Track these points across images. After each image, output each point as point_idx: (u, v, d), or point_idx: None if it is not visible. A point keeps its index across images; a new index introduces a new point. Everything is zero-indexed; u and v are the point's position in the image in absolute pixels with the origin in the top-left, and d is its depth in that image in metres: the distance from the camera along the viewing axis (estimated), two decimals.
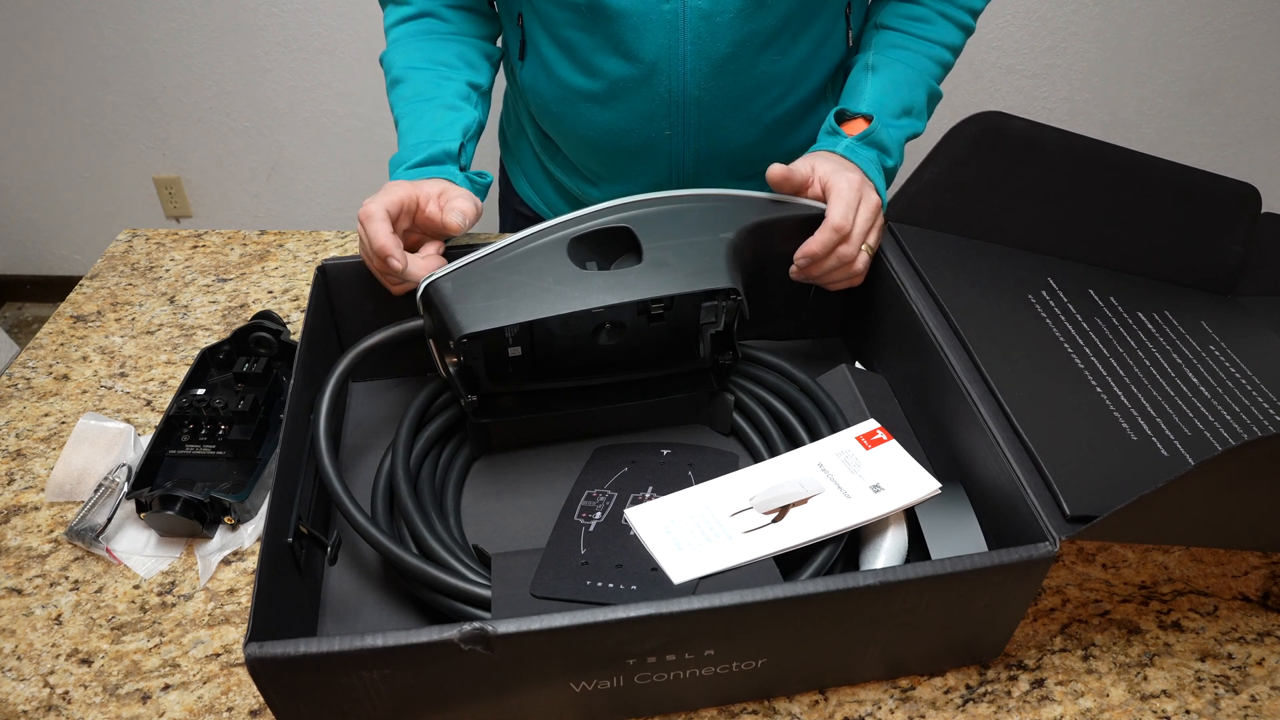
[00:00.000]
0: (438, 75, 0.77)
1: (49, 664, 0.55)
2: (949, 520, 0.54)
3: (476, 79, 0.79)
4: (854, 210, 0.65)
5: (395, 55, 0.79)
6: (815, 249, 0.65)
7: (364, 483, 0.64)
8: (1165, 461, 0.56)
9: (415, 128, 0.73)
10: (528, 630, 0.43)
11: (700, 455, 0.64)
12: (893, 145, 0.75)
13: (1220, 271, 0.76)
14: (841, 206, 0.65)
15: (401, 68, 0.78)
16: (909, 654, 0.53)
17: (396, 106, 0.77)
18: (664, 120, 0.80)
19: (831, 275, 0.68)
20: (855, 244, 0.66)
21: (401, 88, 0.77)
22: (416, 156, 0.70)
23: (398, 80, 0.78)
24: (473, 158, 0.75)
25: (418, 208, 0.65)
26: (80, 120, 1.94)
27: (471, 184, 0.71)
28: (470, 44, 0.81)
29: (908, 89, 0.78)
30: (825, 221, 0.65)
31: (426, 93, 0.76)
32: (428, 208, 0.65)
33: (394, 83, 0.78)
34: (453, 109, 0.75)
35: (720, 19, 0.74)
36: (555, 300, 0.58)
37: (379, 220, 0.61)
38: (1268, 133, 1.95)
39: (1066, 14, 1.77)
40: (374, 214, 0.62)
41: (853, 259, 0.66)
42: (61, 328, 0.82)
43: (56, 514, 0.65)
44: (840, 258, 0.66)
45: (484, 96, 0.80)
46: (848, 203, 0.65)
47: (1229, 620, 0.60)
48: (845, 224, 0.65)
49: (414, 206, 0.64)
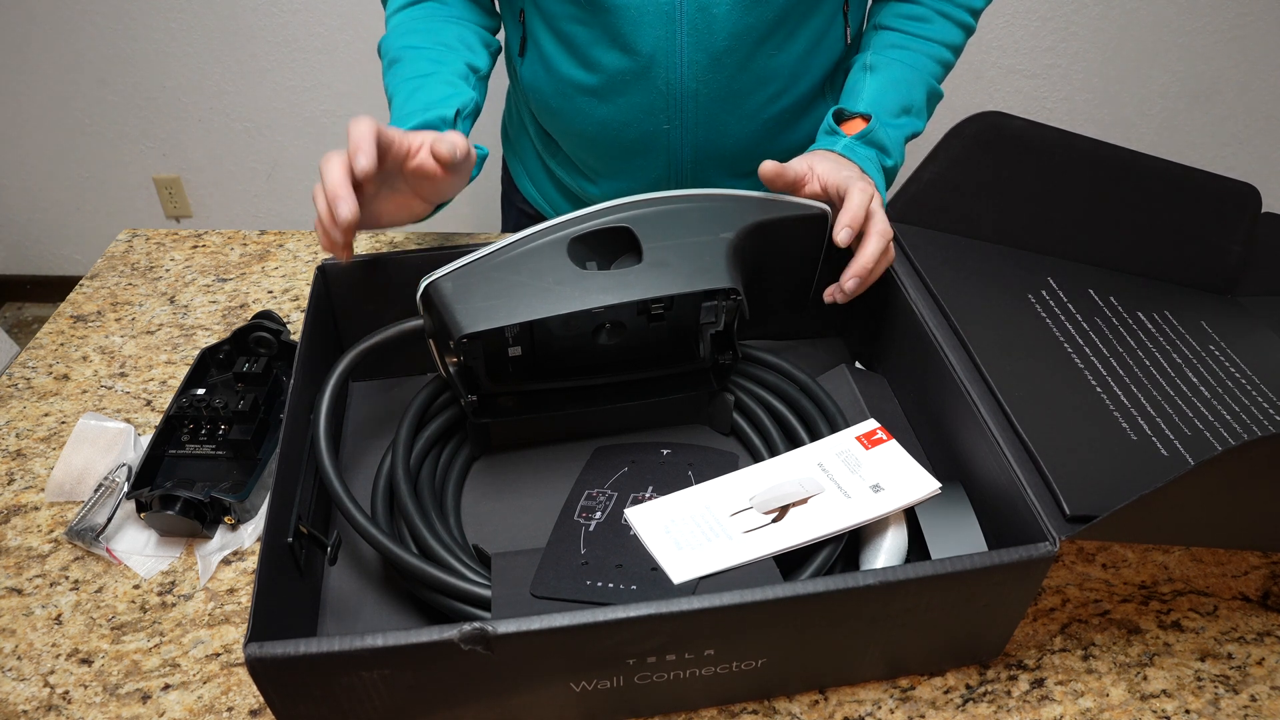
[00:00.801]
0: (437, 54, 0.75)
1: (49, 664, 0.55)
2: (949, 520, 0.54)
3: (476, 62, 0.77)
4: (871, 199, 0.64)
5: (393, 38, 0.78)
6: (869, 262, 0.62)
7: (364, 483, 0.64)
8: (1165, 461, 0.56)
9: (411, 99, 0.71)
10: (528, 630, 0.43)
11: (700, 455, 0.64)
12: (892, 144, 0.75)
13: (1220, 271, 0.76)
14: (863, 198, 0.63)
15: (399, 48, 0.76)
16: (909, 654, 0.53)
17: (391, 85, 0.74)
18: (662, 114, 0.80)
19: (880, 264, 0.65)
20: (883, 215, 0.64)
21: (399, 67, 0.75)
22: (410, 123, 0.67)
23: (395, 60, 0.76)
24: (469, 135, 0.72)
25: (407, 152, 0.61)
26: (80, 120, 1.94)
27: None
28: (470, 28, 0.80)
29: (907, 88, 0.78)
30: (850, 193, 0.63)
31: (424, 69, 0.73)
32: (418, 154, 0.61)
33: (391, 64, 0.76)
34: (450, 84, 0.72)
35: (717, 11, 0.74)
36: (555, 300, 0.57)
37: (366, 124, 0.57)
38: (1268, 133, 1.95)
39: (1066, 14, 1.77)
40: (363, 120, 0.58)
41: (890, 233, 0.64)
42: (61, 328, 0.82)
43: (56, 514, 0.65)
44: (884, 235, 0.63)
45: (482, 80, 0.78)
46: (864, 192, 0.63)
47: (1229, 620, 0.60)
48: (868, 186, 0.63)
49: (404, 150, 0.61)
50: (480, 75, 0.78)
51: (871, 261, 0.63)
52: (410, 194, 0.65)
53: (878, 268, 0.64)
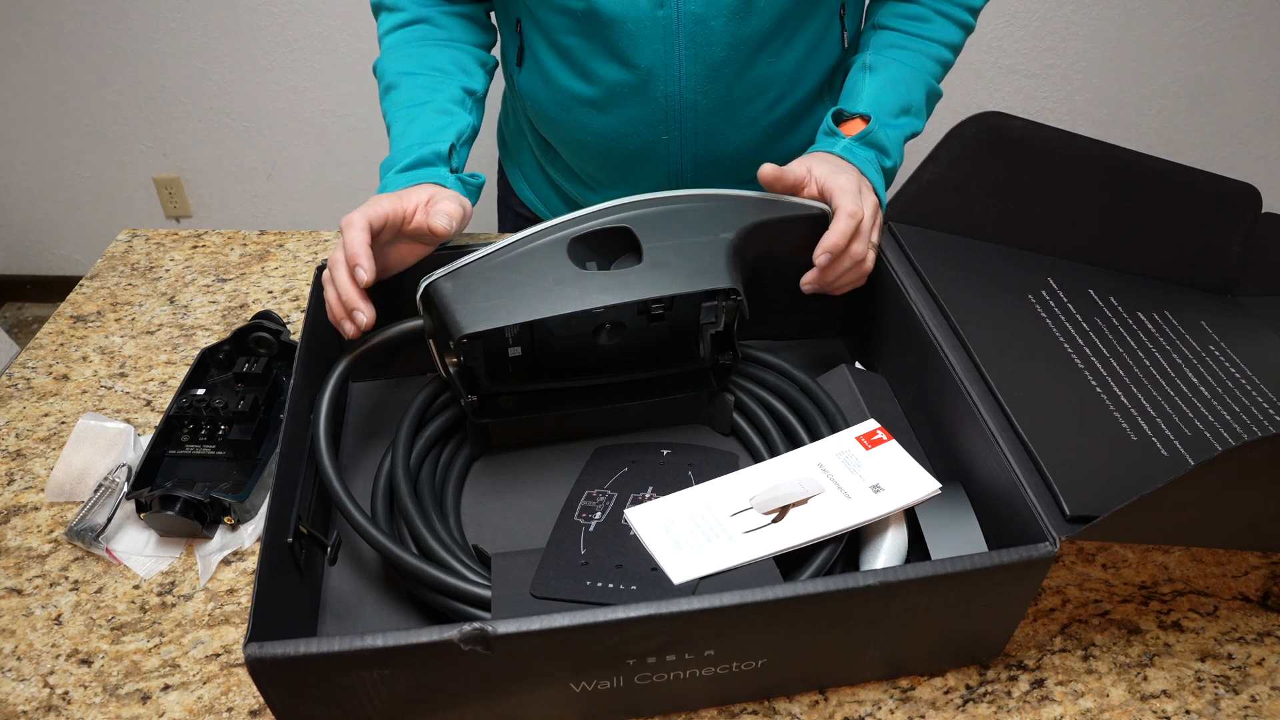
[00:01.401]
0: (431, 80, 0.76)
1: (49, 664, 0.55)
2: (949, 520, 0.54)
3: (471, 84, 0.78)
4: (860, 203, 0.65)
5: (388, 62, 0.78)
6: (836, 240, 0.64)
7: (364, 483, 0.64)
8: (1165, 461, 0.56)
9: (407, 132, 0.72)
10: (528, 630, 0.43)
11: (700, 455, 0.64)
12: (891, 145, 0.75)
13: (1220, 271, 0.76)
14: (849, 199, 0.65)
15: (395, 74, 0.77)
16: (909, 654, 0.53)
17: (389, 113, 0.76)
18: (661, 125, 0.80)
19: (843, 279, 0.67)
20: (865, 240, 0.66)
21: (394, 94, 0.76)
22: (406, 159, 0.69)
23: (391, 86, 0.76)
24: (466, 161, 0.74)
25: (404, 218, 0.63)
26: (80, 120, 1.94)
27: (463, 185, 0.70)
28: (465, 50, 0.80)
29: (906, 88, 0.78)
30: (838, 212, 0.64)
31: (419, 98, 0.74)
32: (415, 217, 0.63)
33: (387, 89, 0.77)
34: (446, 113, 0.73)
35: (713, 23, 0.74)
36: (555, 300, 0.57)
37: (358, 229, 0.59)
38: (1268, 133, 1.95)
39: (1066, 14, 1.77)
40: (354, 222, 0.60)
41: (864, 256, 0.66)
42: (61, 328, 0.82)
43: (56, 514, 0.65)
44: (853, 256, 0.65)
45: (479, 103, 0.79)
46: (853, 197, 0.65)
47: (1229, 620, 0.60)
48: (859, 211, 0.64)
49: (399, 218, 0.62)
50: (476, 97, 0.78)
51: (840, 239, 0.64)
52: (412, 243, 0.66)
53: (840, 282, 0.67)
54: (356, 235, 0.59)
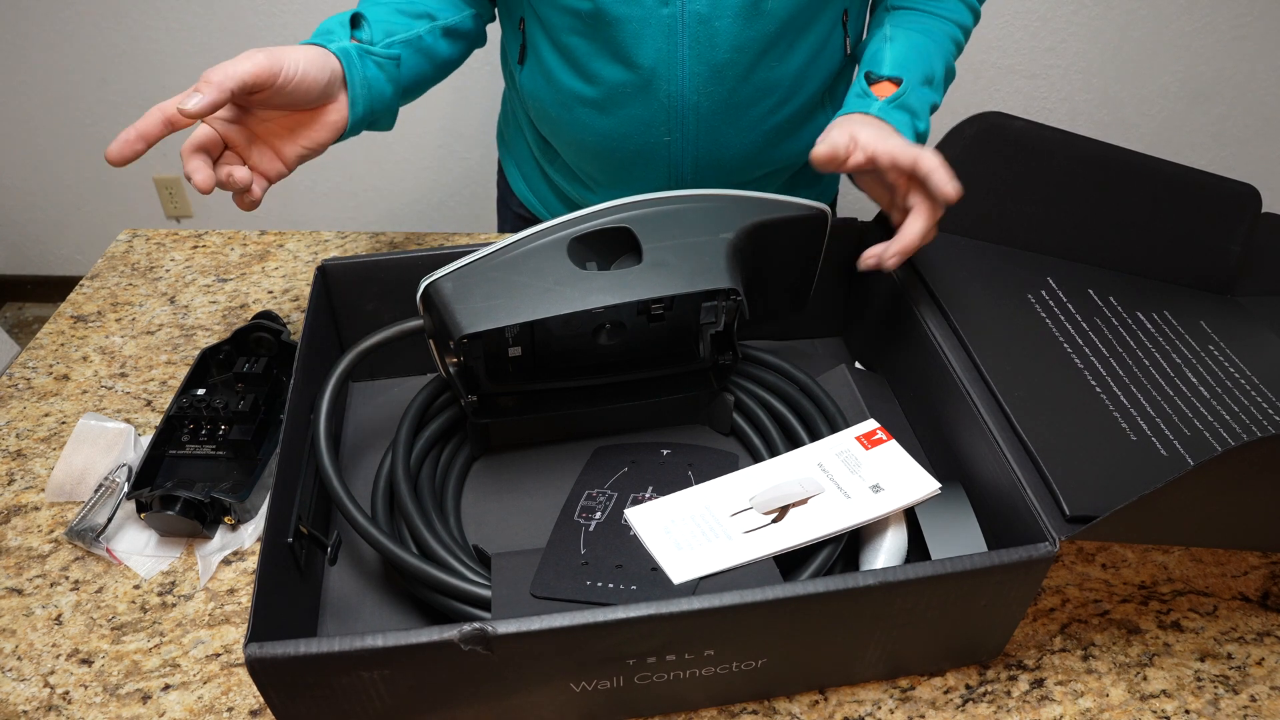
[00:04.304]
0: (397, 9, 0.72)
1: (49, 664, 0.55)
2: (949, 520, 0.54)
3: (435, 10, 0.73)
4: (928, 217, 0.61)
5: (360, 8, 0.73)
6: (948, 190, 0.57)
7: (364, 483, 0.64)
8: (1165, 461, 0.56)
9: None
10: (528, 630, 0.43)
11: (700, 455, 0.64)
12: (921, 110, 0.72)
13: (1220, 271, 0.76)
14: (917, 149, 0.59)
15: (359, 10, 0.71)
16: (909, 654, 0.53)
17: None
18: (662, 126, 0.80)
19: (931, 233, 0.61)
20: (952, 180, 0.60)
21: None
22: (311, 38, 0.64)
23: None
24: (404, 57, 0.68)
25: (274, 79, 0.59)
26: (80, 120, 1.94)
27: (368, 55, 0.64)
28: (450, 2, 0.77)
29: (928, 57, 0.76)
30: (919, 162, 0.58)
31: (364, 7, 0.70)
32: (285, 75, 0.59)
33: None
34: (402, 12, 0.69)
35: (718, 24, 0.73)
36: (555, 300, 0.57)
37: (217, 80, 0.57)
38: (1268, 133, 1.95)
39: (1066, 14, 1.77)
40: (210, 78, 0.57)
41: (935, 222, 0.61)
42: (62, 328, 0.82)
43: (56, 514, 0.65)
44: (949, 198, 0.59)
45: (447, 33, 0.74)
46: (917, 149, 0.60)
47: (1229, 620, 0.60)
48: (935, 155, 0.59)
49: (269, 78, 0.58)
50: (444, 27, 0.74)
51: (918, 239, 0.60)
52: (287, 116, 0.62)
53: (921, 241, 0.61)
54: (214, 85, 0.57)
